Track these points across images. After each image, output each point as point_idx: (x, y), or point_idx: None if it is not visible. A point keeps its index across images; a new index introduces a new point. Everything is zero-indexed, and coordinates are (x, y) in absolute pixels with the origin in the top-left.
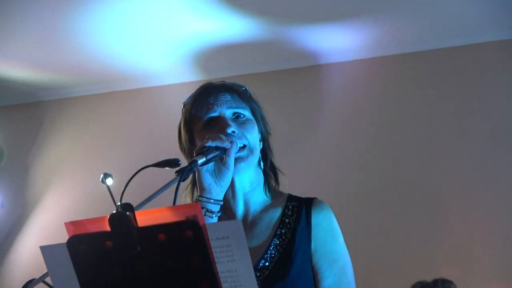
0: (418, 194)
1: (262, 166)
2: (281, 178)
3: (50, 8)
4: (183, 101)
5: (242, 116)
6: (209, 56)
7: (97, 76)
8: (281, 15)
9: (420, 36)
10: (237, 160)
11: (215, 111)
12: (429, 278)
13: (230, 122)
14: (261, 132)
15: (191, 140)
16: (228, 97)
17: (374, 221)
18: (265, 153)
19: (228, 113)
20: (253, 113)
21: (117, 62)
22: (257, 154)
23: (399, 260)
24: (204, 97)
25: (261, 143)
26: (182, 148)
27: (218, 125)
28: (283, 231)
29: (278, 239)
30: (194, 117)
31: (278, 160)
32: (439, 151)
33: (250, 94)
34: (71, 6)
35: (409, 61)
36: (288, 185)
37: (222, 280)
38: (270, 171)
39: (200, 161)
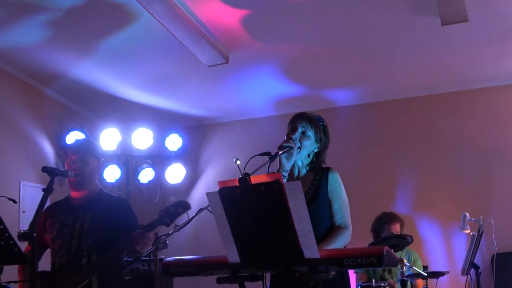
0: None
1: (314, 159)
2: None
3: (212, 77)
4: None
5: (307, 133)
6: (287, 103)
7: (232, 111)
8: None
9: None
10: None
11: (295, 125)
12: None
13: (297, 134)
14: (318, 146)
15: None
16: (304, 122)
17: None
18: (319, 155)
19: (300, 129)
20: (315, 134)
21: (243, 102)
22: (305, 152)
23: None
24: (296, 118)
25: (318, 150)
26: None
27: (292, 133)
28: (315, 182)
29: (313, 186)
30: (290, 123)
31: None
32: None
33: (322, 126)
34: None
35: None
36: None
37: (291, 209)
38: (317, 163)
39: (280, 152)
